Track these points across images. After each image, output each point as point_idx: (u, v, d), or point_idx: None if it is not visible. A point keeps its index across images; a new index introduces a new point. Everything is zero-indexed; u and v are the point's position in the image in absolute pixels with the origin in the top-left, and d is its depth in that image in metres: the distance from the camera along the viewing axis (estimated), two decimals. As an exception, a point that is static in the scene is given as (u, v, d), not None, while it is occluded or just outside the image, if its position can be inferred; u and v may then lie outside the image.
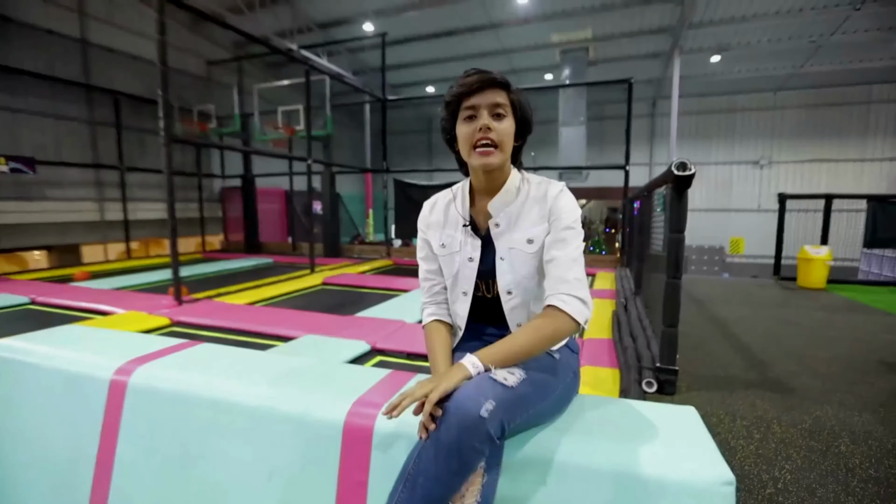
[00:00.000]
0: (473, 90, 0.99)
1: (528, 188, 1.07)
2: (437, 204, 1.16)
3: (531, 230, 1.02)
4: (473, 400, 0.77)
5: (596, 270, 7.21)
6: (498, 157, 0.99)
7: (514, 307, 1.04)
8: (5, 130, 7.37)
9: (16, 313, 4.71)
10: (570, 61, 10.95)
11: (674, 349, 2.36)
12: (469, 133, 0.99)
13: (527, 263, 1.02)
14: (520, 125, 1.06)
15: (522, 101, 1.05)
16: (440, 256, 1.12)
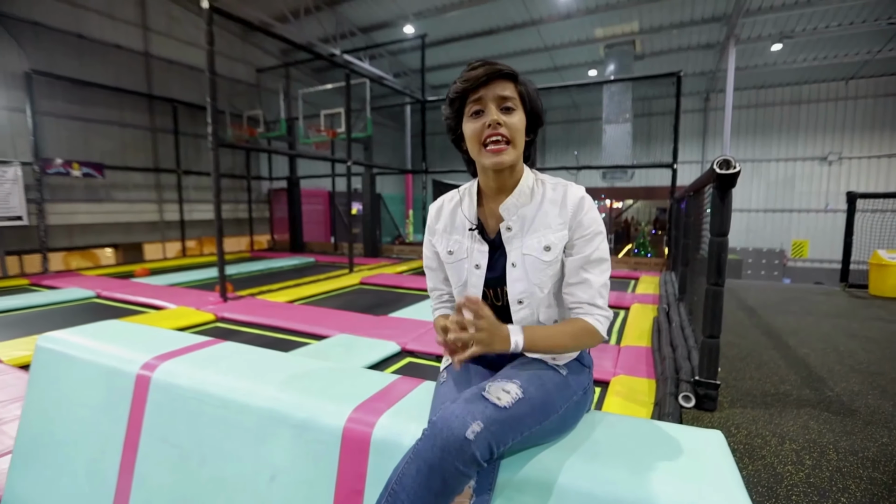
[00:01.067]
0: (479, 84, 0.92)
1: (543, 189, 0.99)
2: (444, 207, 1.09)
3: (549, 236, 0.95)
4: (460, 419, 0.73)
5: (639, 274, 6.90)
6: (510, 153, 0.92)
7: (524, 317, 0.97)
8: (79, 138, 8.06)
9: (82, 306, 5.13)
10: (615, 56, 10.56)
11: (714, 362, 2.19)
12: (477, 130, 0.92)
13: (541, 272, 0.95)
14: (530, 118, 0.97)
15: (531, 92, 0.97)
16: (447, 264, 1.06)
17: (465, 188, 1.08)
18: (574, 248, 0.96)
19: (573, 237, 0.96)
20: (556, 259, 0.96)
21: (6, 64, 7.04)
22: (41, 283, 6.36)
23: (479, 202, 1.05)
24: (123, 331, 1.67)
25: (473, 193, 1.05)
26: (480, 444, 0.71)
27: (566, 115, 15.34)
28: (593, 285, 0.94)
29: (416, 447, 0.73)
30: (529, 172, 1.02)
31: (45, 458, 1.47)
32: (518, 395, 0.80)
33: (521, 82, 0.95)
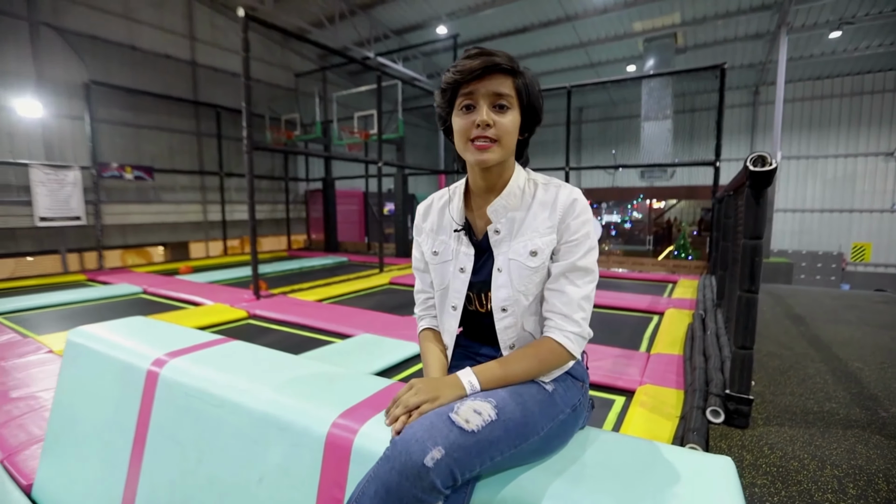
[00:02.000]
0: (473, 77, 0.84)
1: (534, 190, 0.93)
2: (432, 206, 1.05)
3: (536, 240, 0.89)
4: (419, 444, 0.67)
5: (678, 277, 6.59)
6: (497, 152, 0.86)
7: (507, 326, 0.92)
8: (131, 144, 8.60)
9: (130, 301, 5.46)
10: (654, 50, 10.14)
11: (747, 375, 2.03)
12: (465, 126, 0.86)
13: (527, 278, 0.89)
14: (526, 116, 0.90)
15: (530, 86, 0.89)
16: (431, 265, 1.01)
17: (454, 186, 1.03)
18: (559, 253, 0.90)
19: (560, 241, 0.89)
20: (542, 265, 0.89)
21: (69, 76, 7.61)
22: (96, 278, 6.83)
23: (467, 201, 0.99)
24: (145, 327, 1.74)
25: (461, 192, 1.00)
26: (441, 471, 0.66)
27: (603, 113, 14.90)
28: (571, 297, 0.87)
29: (375, 467, 0.70)
30: (521, 172, 0.96)
31: (69, 447, 1.56)
32: (490, 418, 0.74)
33: (519, 77, 0.87)
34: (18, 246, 7.20)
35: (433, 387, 0.80)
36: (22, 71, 7.10)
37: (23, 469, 1.75)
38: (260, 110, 10.41)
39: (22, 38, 7.11)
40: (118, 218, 8.36)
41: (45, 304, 5.05)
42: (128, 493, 1.30)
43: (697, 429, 1.93)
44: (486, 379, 0.84)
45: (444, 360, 0.99)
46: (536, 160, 16.15)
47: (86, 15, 7.83)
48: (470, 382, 0.82)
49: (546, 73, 12.86)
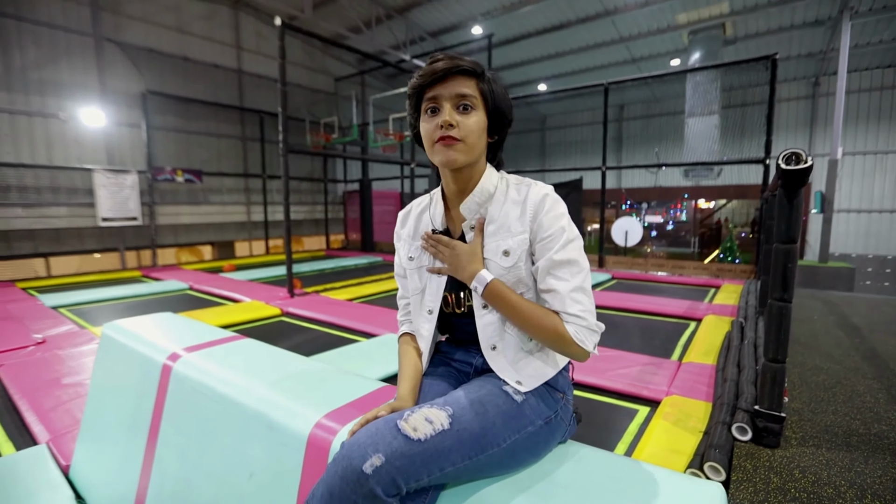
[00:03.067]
0: (435, 80, 0.86)
1: (506, 189, 0.93)
2: (411, 213, 1.06)
3: (508, 240, 0.88)
4: (361, 450, 0.68)
5: (721, 282, 6.24)
6: (461, 151, 0.86)
7: (488, 323, 0.90)
8: (182, 149, 9.15)
9: (177, 297, 5.82)
10: (700, 43, 9.64)
11: (778, 390, 1.89)
12: (431, 129, 0.87)
13: (502, 277, 0.88)
14: (493, 118, 0.90)
15: (496, 90, 0.89)
16: (408, 269, 1.02)
17: (433, 192, 1.03)
18: (537, 253, 0.88)
19: (535, 240, 0.88)
20: (515, 265, 0.88)
21: (128, 86, 8.21)
22: (150, 275, 7.32)
23: (446, 207, 1.00)
24: (170, 322, 1.85)
25: (439, 197, 1.00)
26: (381, 479, 0.66)
27: (645, 110, 14.33)
28: (560, 292, 0.84)
29: (327, 468, 0.71)
30: (493, 172, 0.96)
31: (99, 433, 1.68)
32: (442, 427, 0.73)
33: (484, 80, 0.88)
34: (83, 244, 7.84)
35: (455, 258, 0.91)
36: (88, 83, 7.73)
37: (64, 451, 1.90)
38: (300, 114, 10.80)
39: (88, 53, 7.73)
40: (170, 218, 8.92)
41: (103, 298, 5.47)
42: (142, 481, 1.39)
43: (720, 446, 1.82)
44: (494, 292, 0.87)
45: (419, 365, 0.99)
46: (571, 159, 15.80)
47: (144, 29, 8.41)
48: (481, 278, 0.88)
49: (585, 70, 12.53)
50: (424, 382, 0.97)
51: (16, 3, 6.94)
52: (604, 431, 2.28)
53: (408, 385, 0.94)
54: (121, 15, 8.10)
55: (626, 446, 2.14)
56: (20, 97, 7.06)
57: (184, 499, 1.24)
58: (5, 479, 1.72)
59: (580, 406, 2.66)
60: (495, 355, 0.91)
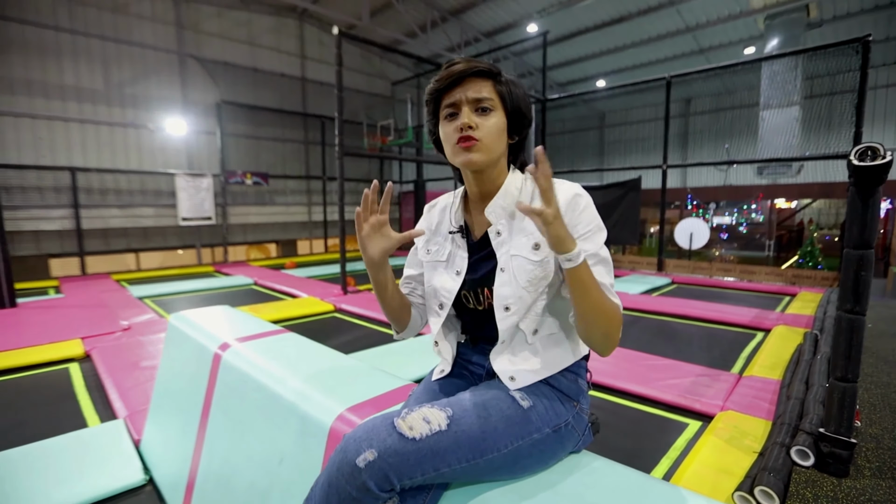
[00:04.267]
0: (452, 83, 0.86)
1: (532, 188, 0.92)
2: (437, 207, 1.07)
3: (538, 234, 0.87)
4: (356, 444, 0.71)
5: (798, 289, 5.68)
6: (482, 152, 0.87)
7: (510, 325, 0.89)
8: (252, 153, 9.84)
9: (243, 291, 6.28)
10: (779, 28, 8.82)
11: (848, 412, 1.70)
12: (450, 132, 0.87)
13: (529, 273, 0.87)
14: (512, 119, 0.90)
15: (515, 91, 0.89)
16: (424, 262, 1.03)
17: (458, 191, 1.04)
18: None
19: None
20: (545, 259, 0.87)
21: (205, 97, 8.97)
22: (221, 270, 7.95)
23: (466, 206, 1.01)
24: (226, 315, 2.02)
25: (459, 198, 1.01)
26: (374, 474, 0.68)
27: (714, 104, 13.34)
28: (605, 283, 0.82)
29: (329, 459, 0.75)
30: (517, 173, 0.95)
31: (163, 414, 1.87)
32: (439, 428, 0.74)
33: (501, 81, 0.88)
34: (166, 241, 8.68)
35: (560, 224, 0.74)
36: (172, 96, 8.55)
37: (137, 426, 2.13)
38: (358, 118, 11.21)
39: (173, 69, 8.55)
40: (240, 218, 9.63)
41: (181, 290, 6.03)
42: (195, 459, 1.53)
43: (776, 469, 1.67)
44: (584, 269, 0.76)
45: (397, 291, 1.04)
46: (631, 157, 15.05)
47: (220, 45, 9.16)
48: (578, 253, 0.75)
49: (647, 64, 11.93)
50: (436, 384, 0.99)
51: (115, 27, 7.83)
52: (647, 445, 2.18)
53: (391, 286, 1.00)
54: (201, 32, 8.87)
55: (670, 462, 2.03)
56: (117, 111, 7.96)
57: (227, 478, 1.35)
58: (89, 448, 1.96)
59: (621, 415, 2.55)
60: (503, 348, 0.91)
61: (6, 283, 4.83)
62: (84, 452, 1.92)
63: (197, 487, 1.47)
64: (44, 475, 1.76)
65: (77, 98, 7.53)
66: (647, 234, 15.60)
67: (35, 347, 3.41)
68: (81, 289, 6.04)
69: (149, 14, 8.20)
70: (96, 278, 7.07)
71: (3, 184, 6.85)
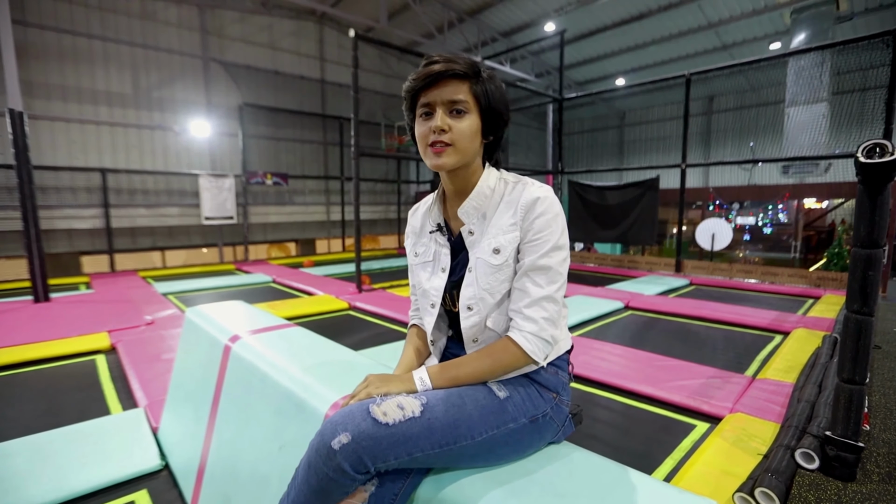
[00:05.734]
0: (428, 83, 0.87)
1: (503, 189, 0.94)
2: (419, 210, 1.10)
3: (499, 238, 0.89)
4: (332, 427, 0.74)
5: (822, 292, 5.51)
6: (452, 156, 0.87)
7: (472, 325, 0.93)
8: (272, 154, 10.07)
9: (262, 288, 6.44)
10: (806, 22, 8.54)
11: (856, 414, 1.67)
12: (424, 133, 0.89)
13: (490, 276, 0.90)
14: (487, 120, 0.90)
15: (491, 90, 0.89)
16: (413, 265, 1.07)
17: (436, 192, 1.07)
18: (523, 252, 0.89)
19: (523, 240, 0.89)
20: (506, 263, 0.90)
21: (228, 100, 9.23)
22: (242, 268, 8.17)
23: (444, 205, 1.03)
24: (238, 310, 2.10)
25: (437, 197, 1.04)
26: (348, 456, 0.71)
27: (737, 101, 12.98)
28: (532, 296, 0.85)
29: (310, 443, 0.79)
30: (492, 173, 0.97)
31: (179, 402, 1.96)
32: (412, 415, 0.77)
33: (478, 81, 0.88)
34: (190, 240, 8.97)
35: (385, 380, 0.87)
36: (197, 100, 8.83)
37: (156, 415, 2.24)
38: (376, 119, 11.35)
39: (198, 73, 8.83)
40: (260, 217, 9.87)
41: (203, 287, 6.23)
42: (205, 446, 1.61)
43: (779, 471, 1.65)
44: (437, 376, 0.88)
45: (413, 360, 1.05)
46: (651, 156, 14.76)
47: (242, 49, 9.41)
48: (421, 379, 0.87)
49: (668, 61, 11.70)
50: None
51: (143, 33, 8.13)
52: (652, 445, 2.17)
53: (401, 369, 1.01)
54: (224, 37, 9.14)
55: (674, 462, 2.02)
56: (145, 114, 8.27)
57: (233, 464, 1.43)
58: (110, 434, 2.07)
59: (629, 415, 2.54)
60: (475, 347, 0.94)
61: (41, 279, 5.09)
62: (106, 438, 2.03)
63: (207, 473, 1.55)
64: (69, 458, 1.87)
65: (108, 102, 7.86)
66: (669, 234, 15.29)
67: (66, 339, 3.60)
68: (110, 285, 6.31)
69: (175, 20, 8.49)
70: (124, 275, 7.36)
71: (39, 184, 7.20)
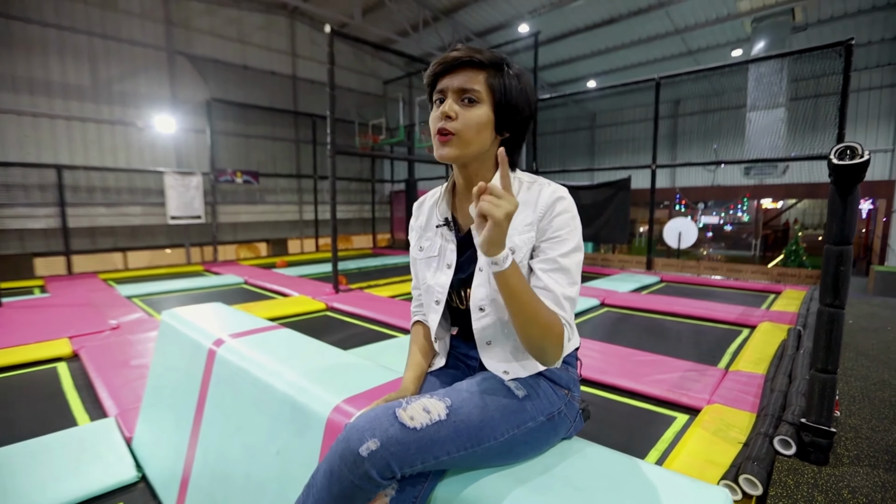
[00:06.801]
0: (445, 70, 0.84)
1: (517, 188, 0.91)
2: (424, 204, 1.07)
3: (514, 238, 0.86)
4: (359, 433, 0.71)
5: (782, 287, 5.80)
6: (454, 146, 0.84)
7: (485, 326, 0.90)
8: (242, 152, 9.76)
9: (234, 290, 6.23)
10: (765, 31, 8.98)
11: (828, 402, 1.76)
12: (434, 119, 0.86)
13: None
14: (501, 114, 0.86)
15: (511, 84, 0.85)
16: (417, 260, 1.03)
17: (444, 185, 1.04)
18: (540, 250, 0.87)
19: (541, 238, 0.87)
20: (520, 263, 0.87)
21: (194, 95, 8.88)
22: (211, 269, 7.88)
23: (454, 199, 1.00)
24: (218, 312, 2.02)
25: (447, 189, 1.01)
26: (376, 462, 0.69)
27: (702, 105, 13.53)
28: (556, 293, 0.83)
29: (330, 448, 0.76)
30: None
31: (155, 411, 1.86)
32: (439, 418, 0.75)
33: (497, 73, 0.85)
34: (155, 240, 8.59)
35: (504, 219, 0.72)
36: (161, 93, 8.46)
37: (128, 424, 2.12)
38: (350, 117, 11.18)
39: (162, 66, 8.46)
40: (230, 217, 9.55)
41: (171, 290, 5.97)
42: (189, 454, 1.53)
43: (759, 458, 1.72)
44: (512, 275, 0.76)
45: (421, 361, 1.02)
46: (622, 157, 15.19)
47: (210, 42, 9.07)
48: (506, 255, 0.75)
49: (637, 65, 12.06)
50: (433, 375, 1.01)
51: (104, 23, 7.72)
52: (636, 438, 2.22)
53: (411, 374, 0.98)
54: (190, 29, 8.79)
55: (658, 453, 2.07)
56: (105, 108, 7.85)
57: (222, 471, 1.36)
58: (80, 446, 1.95)
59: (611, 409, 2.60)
60: (489, 349, 0.92)
61: (-9, 282, 4.75)
62: (75, 450, 1.91)
63: (192, 482, 1.48)
64: (35, 473, 1.75)
65: (63, 95, 7.42)
66: (637, 233, 15.77)
67: (21, 347, 3.37)
68: (68, 288, 5.96)
69: (137, 10, 8.10)
70: (83, 277, 6.97)
71: (-14, 181, 6.73)
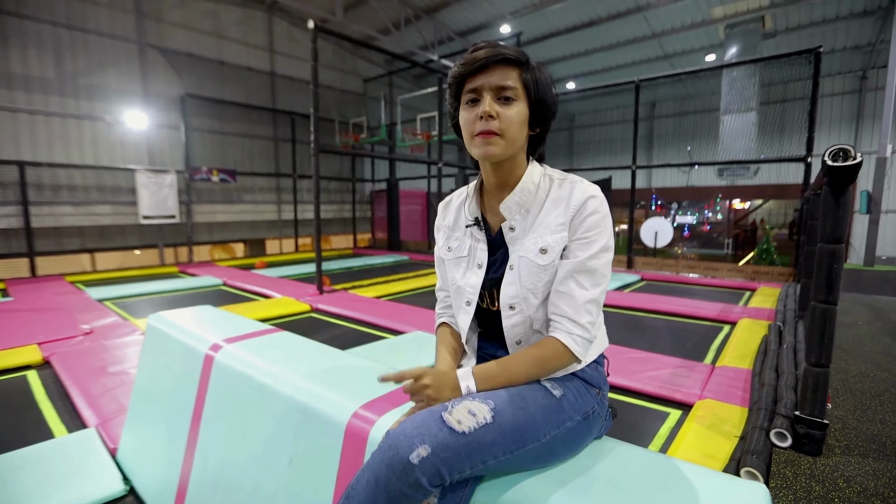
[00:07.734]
0: (476, 69, 0.83)
1: (549, 186, 0.90)
2: (451, 204, 1.05)
3: (547, 237, 0.86)
4: (408, 440, 0.68)
5: (757, 285, 6.01)
6: (500, 145, 0.84)
7: (514, 324, 0.89)
8: (218, 149, 9.48)
9: (212, 292, 6.04)
10: (737, 37, 9.30)
11: (821, 395, 1.82)
12: (470, 120, 0.85)
13: (535, 276, 0.86)
14: (535, 110, 0.87)
15: (540, 79, 0.86)
16: (446, 261, 1.01)
17: (472, 184, 1.02)
18: (569, 251, 0.86)
19: (571, 238, 0.86)
20: (552, 263, 0.86)
21: (168, 90, 8.57)
22: (186, 270, 7.62)
23: (482, 198, 0.99)
24: (211, 315, 1.93)
25: (476, 189, 0.99)
26: (427, 469, 0.67)
27: (679, 108, 13.94)
28: (577, 300, 0.83)
29: (371, 456, 0.72)
30: (536, 167, 0.94)
31: (144, 420, 1.77)
32: (485, 420, 0.73)
33: (527, 69, 0.85)
34: (126, 241, 8.24)
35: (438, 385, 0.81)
36: (132, 88, 8.12)
37: (111, 434, 2.01)
38: (330, 115, 11.02)
39: (133, 59, 8.12)
40: (206, 216, 9.26)
41: (144, 292, 5.73)
42: (185, 465, 1.45)
43: (758, 451, 1.76)
44: (484, 380, 0.83)
45: (451, 361, 0.99)
46: (600, 158, 15.50)
47: (184, 35, 8.77)
48: (467, 386, 0.82)
49: (615, 67, 12.30)
50: None
51: (69, 13, 7.35)
52: (634, 434, 2.24)
53: (448, 358, 0.96)
54: (163, 22, 8.47)
55: (657, 449, 2.09)
56: (71, 102, 7.48)
57: (225, 482, 1.30)
58: (60, 459, 1.83)
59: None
60: (519, 349, 0.91)
61: (-52, 286, 4.45)
62: (55, 463, 1.79)
63: (190, 494, 1.40)
64: (14, 488, 1.63)
65: (25, 87, 7.03)
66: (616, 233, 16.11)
67: (-14, 354, 3.16)
68: (33, 291, 5.65)
69: (105, 0, 7.75)
70: (48, 280, 6.63)
71: (-60, 178, 6.31)
